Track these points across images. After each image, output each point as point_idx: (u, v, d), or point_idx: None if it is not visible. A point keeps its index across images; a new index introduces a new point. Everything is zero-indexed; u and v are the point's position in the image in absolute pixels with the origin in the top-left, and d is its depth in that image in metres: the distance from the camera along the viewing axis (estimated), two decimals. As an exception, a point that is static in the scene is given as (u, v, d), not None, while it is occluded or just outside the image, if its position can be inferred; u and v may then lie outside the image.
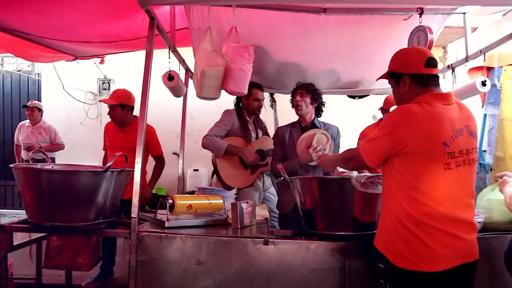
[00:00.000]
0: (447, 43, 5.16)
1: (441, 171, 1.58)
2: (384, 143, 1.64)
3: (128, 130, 3.42)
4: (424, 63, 1.68)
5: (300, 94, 2.85)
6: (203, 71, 2.55)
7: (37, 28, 3.29)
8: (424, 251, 1.57)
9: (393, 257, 1.64)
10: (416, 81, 1.69)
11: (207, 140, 3.15)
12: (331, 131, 2.90)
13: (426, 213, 1.57)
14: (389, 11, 2.85)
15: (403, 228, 1.60)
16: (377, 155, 1.68)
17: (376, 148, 1.67)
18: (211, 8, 2.58)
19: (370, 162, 1.69)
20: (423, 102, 1.63)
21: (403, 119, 1.61)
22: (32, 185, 2.19)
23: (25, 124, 5.35)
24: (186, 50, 3.25)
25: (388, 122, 1.68)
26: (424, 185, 1.58)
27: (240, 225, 2.27)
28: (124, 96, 3.41)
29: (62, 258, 2.72)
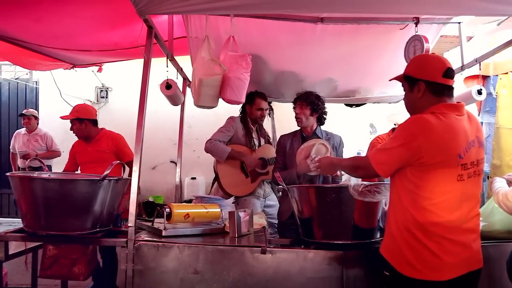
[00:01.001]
0: (443, 52, 5.21)
1: (454, 183, 1.59)
2: (400, 153, 1.60)
3: (95, 141, 3.41)
4: (443, 72, 1.66)
5: (299, 106, 2.84)
6: (200, 80, 2.56)
7: (35, 36, 3.30)
8: (431, 259, 1.57)
9: (399, 265, 1.63)
10: (432, 89, 1.67)
11: (211, 144, 3.16)
12: (333, 140, 2.89)
13: (436, 223, 1.57)
14: (386, 20, 2.87)
15: (411, 236, 1.60)
16: (391, 165, 1.64)
17: (390, 158, 1.64)
18: (209, 17, 2.60)
19: (383, 172, 1.66)
20: (438, 112, 1.62)
21: (421, 129, 1.58)
22: (28, 194, 2.17)
23: (21, 132, 5.35)
24: (184, 59, 3.27)
25: (404, 132, 1.63)
26: (436, 196, 1.58)
27: (238, 234, 2.26)
28: (81, 110, 3.42)
29: (58, 267, 2.70)
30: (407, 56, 2.84)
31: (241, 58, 2.62)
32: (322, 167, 2.06)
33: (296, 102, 2.89)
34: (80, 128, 3.37)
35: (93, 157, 3.32)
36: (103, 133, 3.48)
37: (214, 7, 2.13)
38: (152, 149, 5.17)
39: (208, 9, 2.19)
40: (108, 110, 5.71)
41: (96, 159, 3.27)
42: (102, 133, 3.46)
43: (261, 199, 3.34)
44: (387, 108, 4.09)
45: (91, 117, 3.42)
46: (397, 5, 2.19)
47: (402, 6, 2.20)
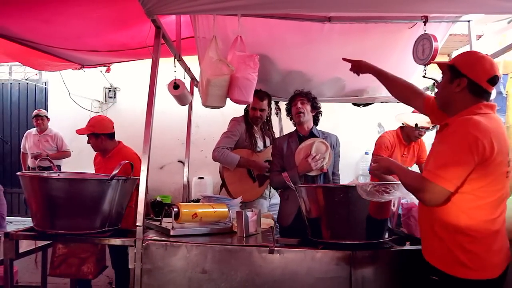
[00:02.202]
0: (452, 50, 5.16)
1: (504, 180, 1.62)
2: (469, 160, 1.53)
3: (109, 158, 3.31)
4: (489, 78, 1.64)
5: (301, 101, 2.83)
6: (208, 80, 2.56)
7: (44, 37, 3.33)
8: (486, 258, 1.59)
9: (450, 268, 1.62)
10: (472, 89, 1.65)
11: (218, 153, 3.13)
12: (330, 140, 2.87)
13: (489, 220, 1.59)
14: (394, 19, 2.85)
15: (465, 237, 1.59)
16: (462, 177, 1.55)
17: (461, 170, 1.54)
18: (216, 17, 2.60)
19: (454, 187, 1.55)
20: (482, 113, 1.62)
21: (481, 131, 1.54)
22: (38, 193, 2.20)
23: (31, 132, 5.41)
24: (191, 59, 3.28)
25: (466, 137, 1.55)
26: (491, 194, 1.59)
27: (245, 234, 2.27)
28: (97, 124, 3.30)
29: (67, 266, 2.72)
30: (416, 55, 2.81)
31: (249, 58, 2.62)
32: (380, 169, 1.89)
33: (296, 98, 2.87)
34: (96, 143, 3.28)
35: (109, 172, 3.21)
36: (119, 148, 3.36)
37: (221, 7, 2.14)
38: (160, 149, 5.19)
39: (215, 9, 2.19)
40: (116, 110, 5.74)
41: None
42: (117, 149, 3.34)
43: (268, 199, 3.34)
44: (395, 108, 4.06)
45: (107, 131, 3.30)
46: (406, 4, 2.17)
47: (410, 5, 2.18)
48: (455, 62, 1.71)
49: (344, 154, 3.15)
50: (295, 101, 2.85)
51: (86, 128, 3.28)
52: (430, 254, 1.71)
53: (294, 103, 2.86)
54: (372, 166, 1.96)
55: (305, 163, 2.68)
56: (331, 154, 2.77)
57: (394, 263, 2.01)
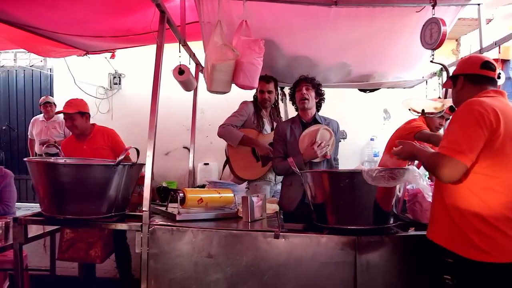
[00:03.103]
0: (461, 35, 5.07)
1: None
2: (479, 134, 1.56)
3: (91, 138, 3.33)
4: (480, 64, 1.77)
5: (306, 87, 2.79)
6: (213, 65, 2.55)
7: (49, 23, 3.32)
8: (502, 241, 1.59)
9: (465, 251, 1.63)
10: (470, 80, 1.79)
11: (223, 129, 3.19)
12: (331, 126, 2.86)
13: (504, 203, 1.59)
14: (402, 3, 2.81)
15: (480, 220, 1.60)
16: (475, 151, 1.57)
17: (473, 143, 1.56)
18: (221, 1, 2.57)
19: (469, 160, 1.57)
20: (489, 96, 1.69)
21: (484, 107, 1.59)
22: (45, 179, 2.22)
23: (38, 119, 5.43)
24: (196, 44, 3.25)
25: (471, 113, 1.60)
26: (502, 174, 1.59)
27: (251, 219, 2.28)
28: (80, 103, 3.33)
29: (75, 251, 2.77)
30: (424, 39, 2.77)
31: (254, 43, 2.60)
32: (403, 153, 1.88)
33: (301, 83, 2.82)
34: (81, 122, 3.28)
35: (90, 155, 3.13)
36: (97, 129, 3.41)
37: (226, -9, 2.11)
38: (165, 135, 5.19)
39: (220, -7, 2.17)
40: (121, 97, 5.73)
41: (93, 157, 3.06)
42: (95, 130, 3.39)
43: (272, 184, 3.35)
44: (402, 94, 4.03)
45: (88, 111, 3.37)
46: (414, -13, 2.14)
47: (419, -12, 2.15)
48: (453, 72, 1.90)
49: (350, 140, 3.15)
50: (300, 86, 2.82)
51: (71, 108, 3.26)
52: (445, 238, 1.71)
53: (299, 89, 2.82)
54: (394, 150, 1.93)
55: (311, 150, 2.67)
56: (334, 140, 2.77)
57: (399, 249, 2.01)
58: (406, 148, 1.88)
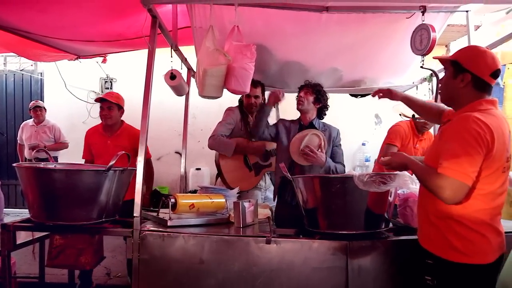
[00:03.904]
0: (450, 41, 5.15)
1: (500, 174, 1.65)
2: (480, 156, 1.56)
3: (117, 135, 3.42)
4: (492, 72, 1.67)
5: (304, 92, 2.88)
6: (205, 70, 2.55)
7: (40, 27, 3.30)
8: (478, 244, 1.63)
9: (444, 252, 1.67)
10: (475, 84, 1.68)
11: (214, 140, 3.13)
12: (329, 132, 2.88)
13: (481, 209, 1.63)
14: (392, 9, 2.84)
15: (457, 224, 1.64)
16: (476, 171, 1.58)
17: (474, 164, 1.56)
18: (213, 6, 2.58)
19: (471, 181, 1.57)
20: (483, 110, 1.64)
21: (481, 128, 1.57)
22: (35, 184, 2.19)
23: (28, 124, 5.38)
24: (188, 49, 3.25)
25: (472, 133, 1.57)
26: (485, 186, 1.62)
27: (243, 224, 2.27)
28: (120, 98, 3.47)
29: (65, 257, 2.73)
30: (414, 45, 2.80)
31: (246, 48, 2.60)
32: (392, 164, 1.85)
33: (303, 87, 2.92)
34: (116, 115, 3.42)
35: (112, 151, 3.18)
36: (124, 127, 3.49)
37: (218, -4, 2.12)
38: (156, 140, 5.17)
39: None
40: (113, 101, 5.71)
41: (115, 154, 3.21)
42: (123, 128, 3.48)
43: (263, 190, 3.35)
44: (393, 99, 4.06)
45: (124, 109, 3.50)
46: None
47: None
48: (457, 58, 1.72)
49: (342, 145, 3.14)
50: (301, 90, 2.92)
51: (114, 98, 3.42)
52: (426, 241, 1.77)
53: (299, 92, 2.92)
54: (383, 160, 1.89)
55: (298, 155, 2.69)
56: (325, 146, 2.73)
57: (390, 253, 2.02)
58: (396, 159, 1.85)
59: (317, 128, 2.86)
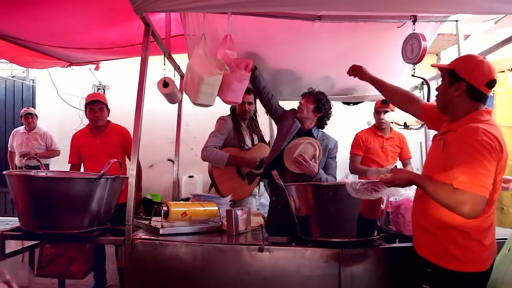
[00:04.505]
0: (441, 50, 5.22)
1: (498, 182, 1.66)
2: (493, 165, 1.56)
3: (106, 134, 3.43)
4: (487, 82, 1.67)
5: (306, 99, 2.86)
6: (201, 78, 2.53)
7: (32, 34, 3.29)
8: (478, 253, 1.65)
9: (443, 261, 1.68)
10: (470, 93, 1.68)
11: (207, 152, 3.11)
12: (327, 142, 2.84)
13: (483, 218, 1.64)
14: (383, 18, 2.87)
15: (459, 232, 1.65)
16: (491, 183, 1.56)
17: (490, 175, 1.54)
18: (206, 15, 2.59)
19: (488, 193, 1.54)
20: (485, 121, 1.64)
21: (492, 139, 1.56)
22: (25, 192, 2.17)
23: (19, 131, 5.33)
24: (181, 57, 3.26)
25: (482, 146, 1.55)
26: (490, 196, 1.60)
27: (235, 232, 2.26)
28: (105, 99, 3.54)
29: (55, 266, 2.69)
30: (405, 54, 2.83)
31: (244, 62, 2.63)
32: (396, 182, 1.76)
33: (304, 95, 2.90)
34: (105, 116, 3.44)
35: (102, 150, 3.30)
36: (112, 126, 3.51)
37: (211, 5, 2.13)
38: (149, 147, 5.16)
39: (205, 7, 2.19)
40: (105, 108, 5.69)
41: (105, 153, 3.24)
42: (110, 127, 3.50)
43: (257, 197, 3.34)
44: (385, 106, 4.09)
45: None
46: (395, 3, 2.19)
47: (399, 4, 2.20)
48: (454, 66, 1.73)
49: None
50: (303, 98, 2.91)
51: (103, 99, 3.48)
52: (424, 249, 1.77)
53: (301, 99, 2.91)
54: (385, 179, 1.79)
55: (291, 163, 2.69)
56: (319, 156, 2.71)
57: (383, 261, 2.02)
58: (399, 176, 1.76)
59: (315, 137, 2.84)
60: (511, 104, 3.99)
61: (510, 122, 3.98)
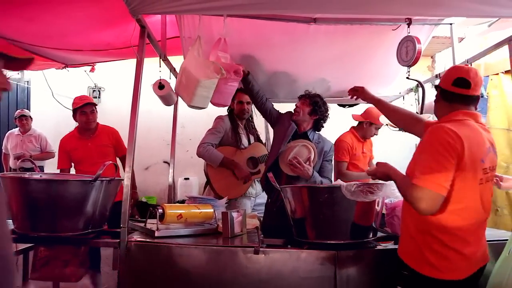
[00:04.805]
0: (435, 52, 5.26)
1: (476, 186, 1.65)
2: (452, 166, 1.58)
3: (96, 136, 3.42)
4: (453, 81, 1.73)
5: (302, 102, 2.84)
6: (199, 80, 2.53)
7: (27, 35, 3.27)
8: (453, 261, 1.64)
9: (419, 266, 1.69)
10: (443, 96, 1.78)
11: (203, 149, 3.13)
12: (322, 145, 2.83)
13: (460, 226, 1.64)
14: (378, 21, 2.89)
15: (434, 239, 1.65)
16: (449, 180, 1.58)
17: (446, 173, 1.57)
18: (202, 17, 2.59)
19: (445, 191, 1.58)
20: (456, 119, 1.69)
21: (452, 138, 1.59)
22: (19, 195, 2.15)
23: (14, 133, 5.30)
24: (177, 59, 3.26)
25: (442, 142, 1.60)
26: (462, 200, 1.63)
27: (231, 234, 2.26)
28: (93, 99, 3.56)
29: (50, 269, 2.67)
30: (400, 56, 2.85)
31: (233, 67, 2.64)
32: (378, 175, 1.85)
33: (301, 97, 2.88)
34: (96, 118, 3.42)
35: (94, 152, 3.29)
36: (101, 127, 3.51)
37: (207, 7, 2.13)
38: (144, 149, 5.14)
39: (201, 9, 2.19)
40: (101, 110, 5.58)
41: (98, 155, 3.24)
42: (100, 128, 3.49)
43: (252, 199, 3.34)
44: (380, 109, 4.10)
45: None
46: (390, 6, 2.20)
47: (394, 7, 2.21)
48: None
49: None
50: (299, 100, 2.88)
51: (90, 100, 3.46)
52: (404, 252, 1.79)
53: (298, 101, 2.88)
54: (369, 171, 1.95)
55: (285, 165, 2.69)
56: (314, 159, 2.71)
57: (378, 262, 2.03)
58: (380, 169, 1.85)
59: (311, 139, 2.83)
60: (505, 106, 4.02)
61: (504, 125, 4.01)
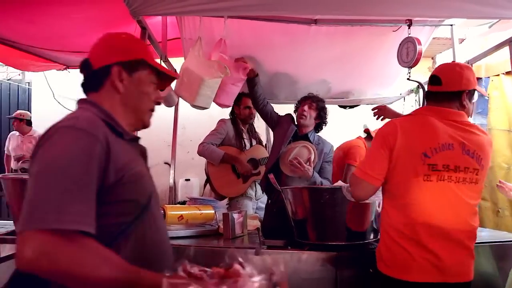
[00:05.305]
0: (436, 53, 5.25)
1: (421, 183, 1.56)
2: (381, 156, 1.61)
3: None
4: (429, 78, 1.76)
5: (309, 105, 2.80)
6: (203, 79, 2.53)
7: (28, 37, 3.28)
8: (400, 259, 1.59)
9: (378, 262, 1.71)
10: (427, 95, 1.79)
11: (204, 147, 3.16)
12: (322, 147, 2.83)
13: (403, 223, 1.59)
14: (379, 22, 2.89)
15: (386, 235, 1.66)
16: (381, 172, 1.61)
17: (377, 164, 1.62)
18: (202, 18, 2.60)
19: (376, 182, 1.63)
20: (414, 114, 1.74)
21: (388, 130, 1.65)
22: (20, 196, 2.15)
23: (15, 134, 5.32)
24: (177, 60, 3.26)
25: (376, 136, 1.71)
26: (406, 196, 1.59)
27: (232, 236, 2.26)
28: None
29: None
30: (400, 58, 2.85)
31: (240, 66, 2.64)
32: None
33: (307, 100, 2.84)
34: None
35: None
36: None
37: (207, 9, 2.14)
38: (145, 150, 5.11)
39: (201, 11, 2.19)
40: (102, 112, 5.68)
41: None
42: None
43: (254, 200, 3.34)
44: (381, 110, 4.10)
45: None
46: (390, 7, 2.21)
47: (395, 8, 2.22)
48: None
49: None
50: (305, 102, 2.83)
51: None
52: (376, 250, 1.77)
53: (303, 104, 2.83)
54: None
55: (286, 166, 2.69)
56: (314, 160, 2.70)
57: (379, 264, 2.02)
58: None
59: (311, 141, 2.83)
60: (506, 107, 4.01)
61: (504, 126, 4.01)
